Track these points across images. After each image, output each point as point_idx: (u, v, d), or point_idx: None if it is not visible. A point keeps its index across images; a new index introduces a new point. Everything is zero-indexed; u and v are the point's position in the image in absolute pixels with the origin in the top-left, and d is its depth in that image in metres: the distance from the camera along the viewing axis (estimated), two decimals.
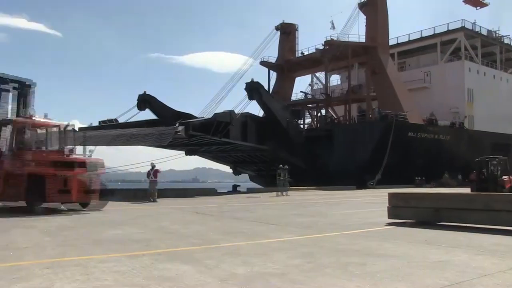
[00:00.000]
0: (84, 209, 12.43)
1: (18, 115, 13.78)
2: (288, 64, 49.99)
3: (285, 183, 22.89)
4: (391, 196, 9.34)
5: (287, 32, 50.88)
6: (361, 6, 43.55)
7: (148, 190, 17.49)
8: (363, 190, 30.63)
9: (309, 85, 57.98)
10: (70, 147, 12.71)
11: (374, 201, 17.53)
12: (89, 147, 13.69)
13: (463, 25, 46.80)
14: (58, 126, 12.82)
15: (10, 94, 14.53)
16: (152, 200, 17.01)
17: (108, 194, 13.39)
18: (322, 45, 43.93)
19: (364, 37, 43.35)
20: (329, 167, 33.94)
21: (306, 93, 51.93)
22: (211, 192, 24.30)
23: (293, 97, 51.62)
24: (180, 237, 7.00)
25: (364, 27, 43.51)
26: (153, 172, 17.58)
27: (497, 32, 51.99)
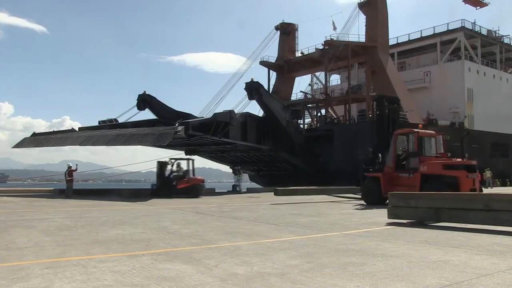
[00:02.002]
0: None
1: None
2: (288, 64, 49.98)
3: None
4: (391, 196, 9.35)
5: (287, 32, 50.90)
6: (361, 6, 43.56)
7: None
8: None
9: (309, 85, 58.06)
10: None
11: None
12: None
13: (463, 25, 46.83)
14: None
15: None
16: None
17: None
18: (322, 45, 43.96)
19: (364, 36, 43.38)
20: (329, 167, 33.95)
21: (306, 93, 51.93)
22: (209, 191, 24.35)
23: (293, 97, 51.66)
24: (180, 237, 7.01)
25: (364, 27, 43.56)
26: (68, 172, 19.21)
27: (497, 32, 52.04)
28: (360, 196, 16.90)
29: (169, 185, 20.64)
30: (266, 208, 13.60)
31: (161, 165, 21.54)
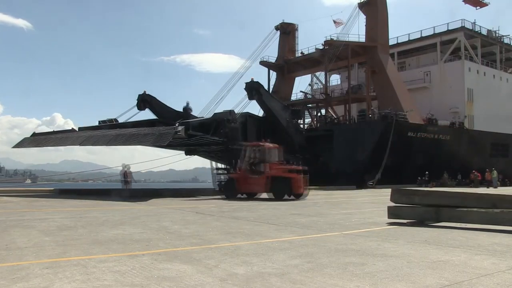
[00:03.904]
0: None
1: None
2: (288, 64, 49.98)
3: None
4: (394, 192, 9.27)
5: (287, 32, 50.90)
6: (361, 6, 43.57)
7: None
8: (363, 190, 30.66)
9: (309, 85, 58.08)
10: None
11: (374, 201, 17.57)
12: None
13: (463, 25, 46.85)
14: None
15: None
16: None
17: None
18: (322, 45, 43.96)
19: (364, 36, 43.38)
20: (329, 167, 33.96)
21: (306, 93, 51.94)
22: (209, 191, 24.27)
23: (293, 97, 51.67)
24: (180, 237, 7.01)
25: (364, 27, 43.56)
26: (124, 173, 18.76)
27: (497, 32, 52.05)
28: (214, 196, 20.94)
29: None
30: (266, 208, 13.60)
31: None
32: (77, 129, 29.66)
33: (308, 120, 51.19)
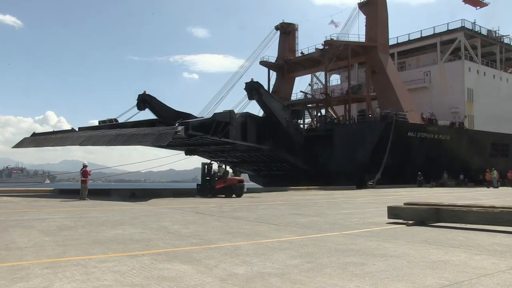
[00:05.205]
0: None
1: None
2: (288, 64, 49.96)
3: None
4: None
5: (287, 31, 50.89)
6: (361, 6, 43.55)
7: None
8: (363, 190, 30.66)
9: (309, 85, 58.03)
10: None
11: (374, 201, 17.56)
12: None
13: (463, 25, 46.79)
14: None
15: None
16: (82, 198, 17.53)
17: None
18: (322, 45, 43.94)
19: (364, 36, 43.36)
20: (329, 167, 33.96)
21: (306, 93, 51.90)
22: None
23: (293, 97, 51.62)
24: (180, 237, 7.01)
25: (364, 27, 43.55)
26: (83, 172, 18.13)
27: (497, 32, 52.00)
28: None
29: (211, 184, 21.54)
30: (266, 208, 13.60)
31: (206, 166, 22.85)
32: (77, 129, 29.65)
33: (308, 120, 51.18)
